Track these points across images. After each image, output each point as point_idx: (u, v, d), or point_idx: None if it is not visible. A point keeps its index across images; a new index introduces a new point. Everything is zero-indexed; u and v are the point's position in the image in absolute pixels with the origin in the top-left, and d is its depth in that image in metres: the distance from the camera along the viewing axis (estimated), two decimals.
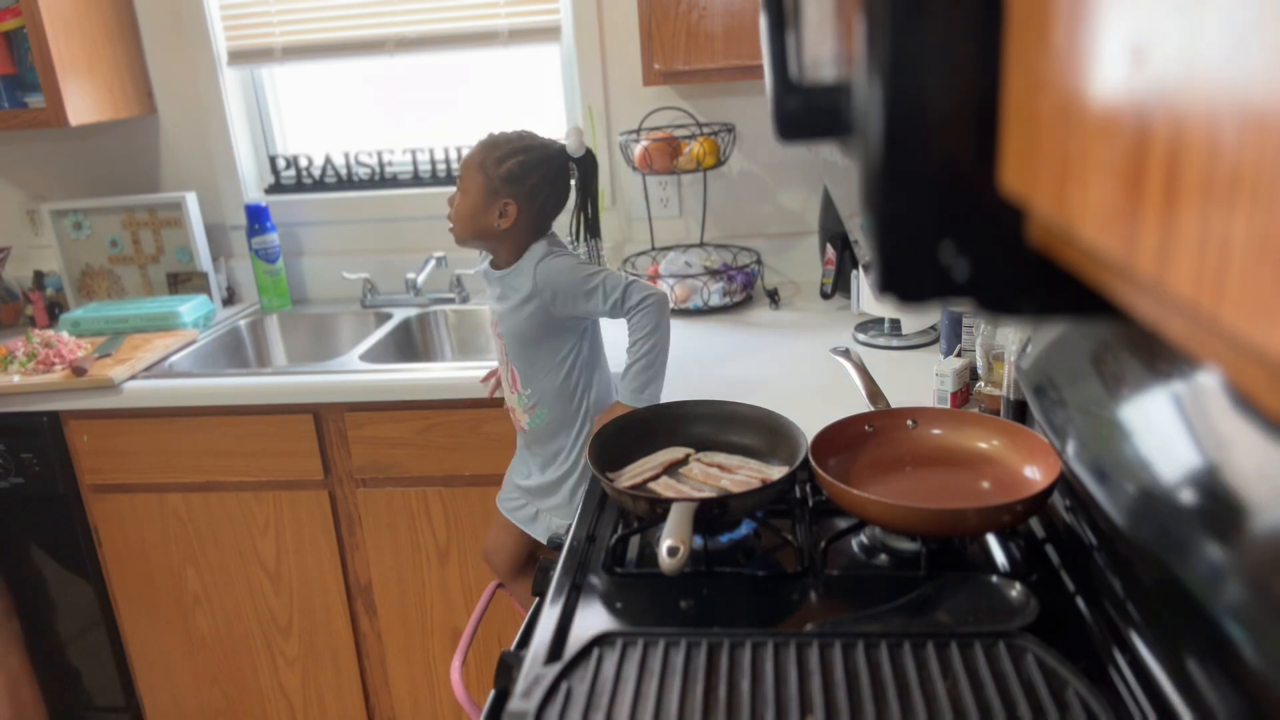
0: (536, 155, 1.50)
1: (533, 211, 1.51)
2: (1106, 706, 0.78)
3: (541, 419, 1.58)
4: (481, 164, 1.49)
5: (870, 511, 1.05)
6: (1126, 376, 0.93)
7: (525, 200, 1.49)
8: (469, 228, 1.52)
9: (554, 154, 1.52)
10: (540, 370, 1.55)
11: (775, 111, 0.46)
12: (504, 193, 1.48)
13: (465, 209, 1.51)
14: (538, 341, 1.53)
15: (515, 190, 1.48)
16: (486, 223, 1.50)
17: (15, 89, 2.15)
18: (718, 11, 1.84)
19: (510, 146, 1.49)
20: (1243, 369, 0.23)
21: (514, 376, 1.58)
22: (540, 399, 1.56)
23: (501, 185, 1.48)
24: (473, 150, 1.51)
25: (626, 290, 1.48)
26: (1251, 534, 0.69)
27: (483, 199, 1.49)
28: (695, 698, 0.82)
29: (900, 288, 0.35)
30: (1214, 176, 0.21)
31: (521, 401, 1.58)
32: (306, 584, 2.00)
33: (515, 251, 1.54)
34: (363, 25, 2.23)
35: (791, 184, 2.24)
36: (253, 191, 2.41)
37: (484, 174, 1.49)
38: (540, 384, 1.55)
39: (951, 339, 1.61)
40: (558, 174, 1.53)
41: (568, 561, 1.11)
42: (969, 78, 0.31)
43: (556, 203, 1.55)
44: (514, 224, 1.50)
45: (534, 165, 1.49)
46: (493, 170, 1.48)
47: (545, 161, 1.50)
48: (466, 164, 1.51)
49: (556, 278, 1.49)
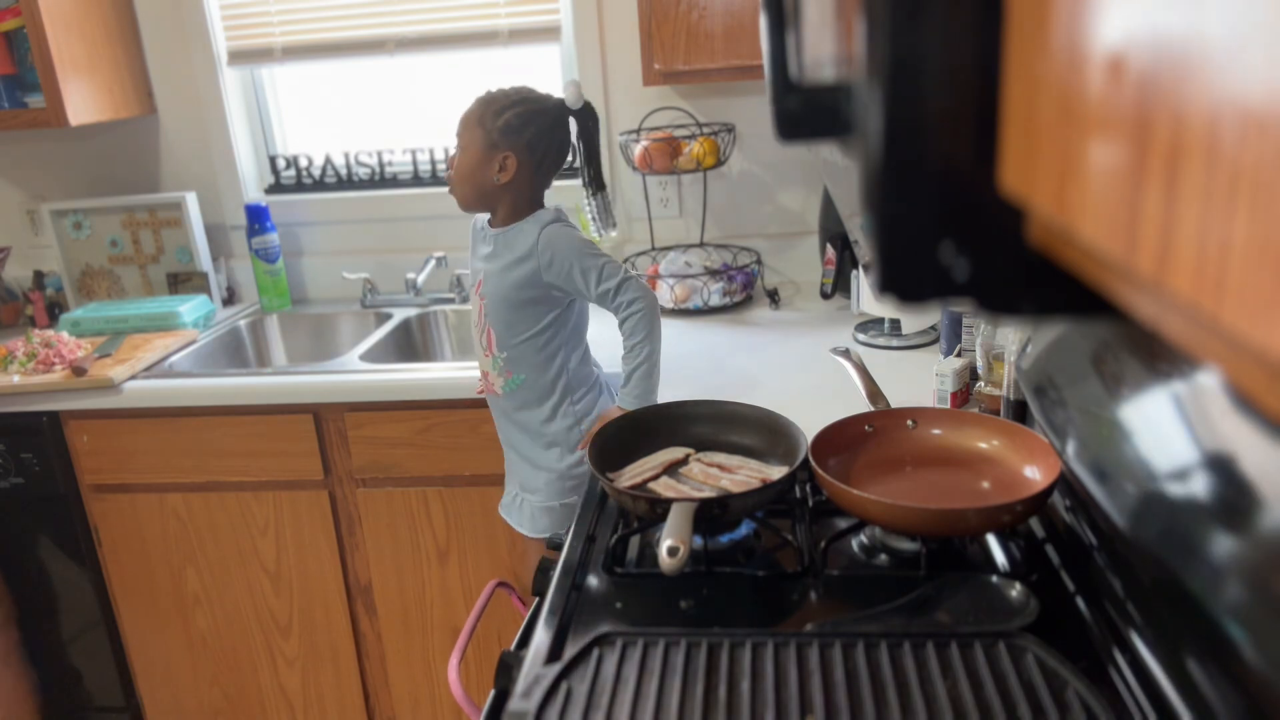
0: (534, 107, 1.50)
1: (532, 164, 1.51)
2: (1106, 706, 0.78)
3: (515, 383, 1.57)
4: (480, 118, 1.49)
5: (870, 511, 1.05)
6: (1126, 376, 0.93)
7: (524, 153, 1.49)
8: (469, 184, 1.52)
9: (551, 106, 1.52)
10: (517, 333, 1.54)
11: (775, 111, 0.46)
12: (503, 145, 1.48)
13: (465, 166, 1.51)
14: (521, 305, 1.53)
15: (514, 142, 1.49)
16: (486, 178, 1.50)
17: (15, 89, 2.15)
18: (718, 11, 1.84)
19: (507, 100, 1.49)
20: (1243, 369, 0.23)
21: (490, 338, 1.57)
22: (515, 364, 1.56)
23: (500, 138, 1.48)
24: (470, 106, 1.51)
25: (622, 284, 1.49)
26: (1252, 534, 0.69)
27: (481, 153, 1.49)
28: (695, 698, 0.82)
29: (900, 288, 0.35)
30: (1214, 176, 0.21)
31: (495, 365, 1.57)
32: (306, 584, 2.00)
33: (515, 210, 1.54)
34: (363, 25, 2.23)
35: (791, 184, 2.24)
36: (253, 191, 2.41)
37: (482, 128, 1.49)
38: (516, 349, 1.55)
39: (951, 339, 1.61)
40: (555, 126, 1.53)
41: (568, 561, 1.11)
42: (969, 78, 0.31)
43: (556, 156, 1.55)
44: (513, 178, 1.50)
45: (531, 117, 1.49)
46: (490, 124, 1.48)
47: (543, 114, 1.51)
48: (465, 120, 1.51)
49: (559, 242, 1.50)
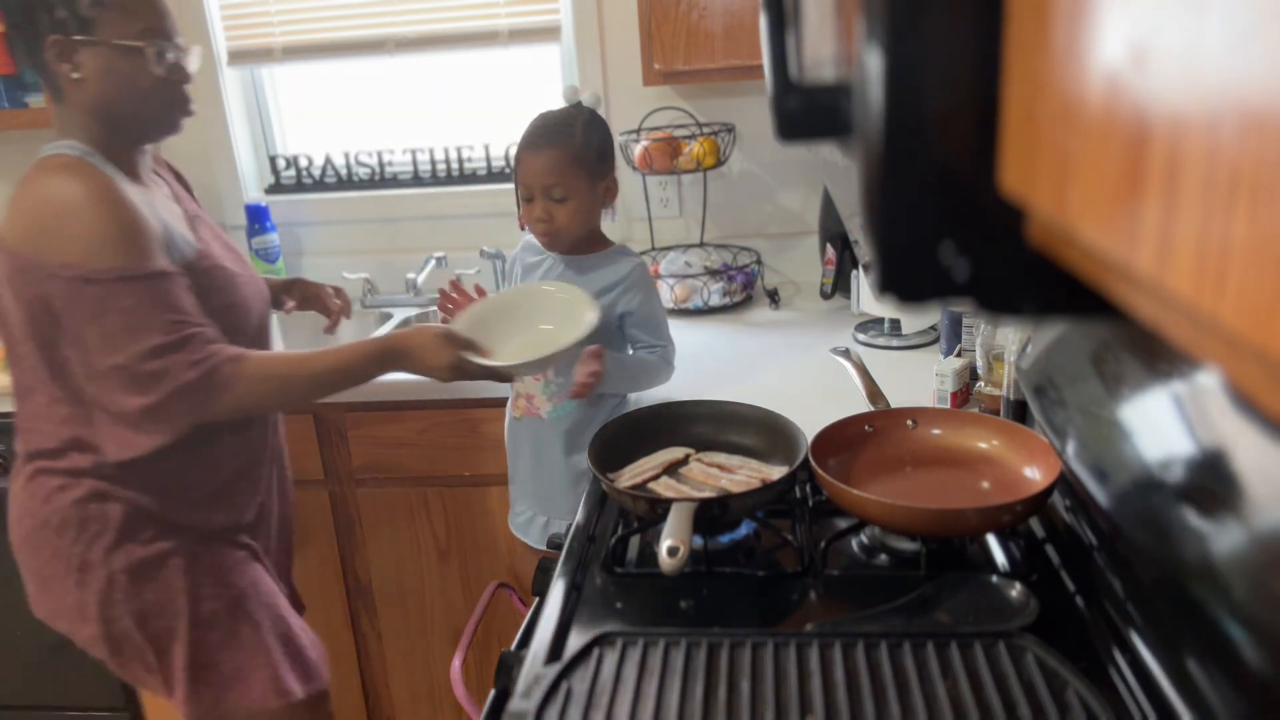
0: (596, 121, 1.47)
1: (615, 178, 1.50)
2: (1106, 706, 0.79)
3: (566, 408, 1.54)
4: (576, 158, 1.41)
5: (870, 511, 1.05)
6: (1126, 376, 0.93)
7: (612, 169, 1.49)
8: (582, 227, 1.48)
9: (595, 113, 1.49)
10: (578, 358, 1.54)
11: (775, 111, 0.46)
12: (603, 171, 1.46)
13: (579, 210, 1.44)
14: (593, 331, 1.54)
15: (610, 163, 1.47)
16: (597, 210, 1.48)
17: (15, 89, 2.15)
18: (718, 11, 1.84)
19: (574, 126, 1.43)
20: (1243, 369, 0.23)
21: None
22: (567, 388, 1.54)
23: (600, 164, 1.46)
24: (551, 155, 1.42)
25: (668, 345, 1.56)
26: (1252, 534, 0.69)
27: (590, 190, 1.45)
28: (695, 698, 0.82)
29: (900, 288, 0.35)
30: (1214, 176, 0.21)
31: (547, 389, 1.55)
32: (306, 584, 2.00)
33: (593, 234, 1.53)
34: (363, 25, 2.23)
35: (791, 184, 2.24)
36: (253, 191, 2.40)
37: (583, 166, 1.43)
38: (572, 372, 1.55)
39: (951, 339, 1.61)
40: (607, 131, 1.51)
41: (568, 561, 1.11)
42: (969, 78, 0.31)
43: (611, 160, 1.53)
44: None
45: (605, 131, 1.48)
46: (587, 155, 1.43)
47: (601, 122, 1.49)
48: (555, 168, 1.41)
49: (647, 279, 1.53)
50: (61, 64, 1.24)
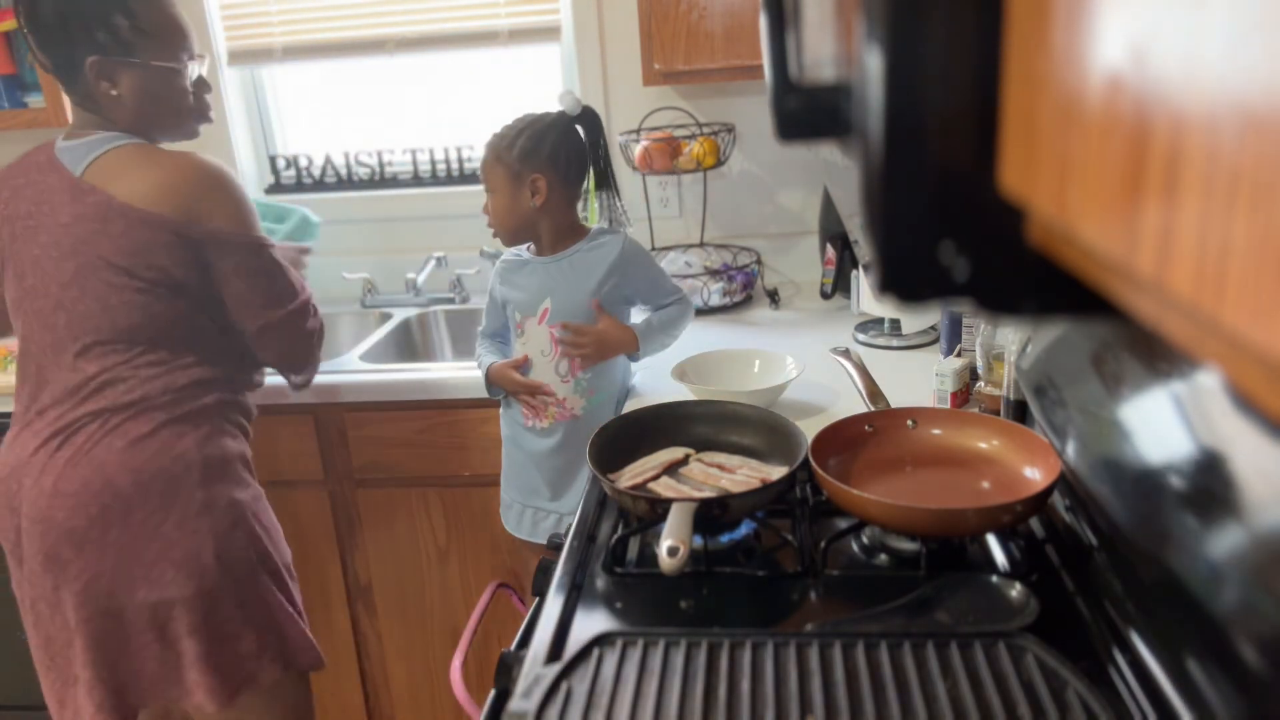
0: (540, 125, 1.54)
1: (559, 179, 1.54)
2: (1106, 706, 0.78)
3: (598, 400, 1.60)
4: (496, 157, 1.53)
5: (870, 511, 1.05)
6: (1126, 376, 0.93)
7: (549, 169, 1.53)
8: (510, 219, 1.56)
9: (555, 119, 1.56)
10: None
11: (775, 111, 0.46)
12: (527, 170, 1.52)
13: (500, 205, 1.55)
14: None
15: (536, 163, 1.52)
16: (523, 207, 1.54)
17: (15, 89, 2.15)
18: (718, 11, 1.84)
19: (513, 130, 1.54)
20: (1243, 369, 0.23)
21: (573, 363, 1.57)
22: (597, 380, 1.59)
23: (521, 165, 1.52)
24: (484, 153, 1.56)
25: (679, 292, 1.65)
26: (1252, 534, 0.69)
27: (510, 185, 1.53)
28: (695, 698, 0.82)
29: (900, 288, 0.35)
30: (1214, 176, 0.21)
31: (579, 387, 1.58)
32: (306, 584, 2.00)
33: (559, 231, 1.58)
34: (363, 25, 2.23)
35: (791, 184, 2.24)
36: (253, 191, 2.40)
37: (501, 164, 1.53)
38: (601, 364, 1.59)
39: (951, 339, 1.61)
40: (566, 134, 1.55)
41: (568, 561, 1.11)
42: (969, 78, 0.31)
43: (578, 164, 1.58)
44: (548, 198, 1.53)
45: (542, 134, 1.53)
46: (507, 156, 1.52)
47: (550, 127, 1.54)
48: (484, 165, 1.56)
49: (641, 253, 1.61)
50: (100, 82, 1.35)
